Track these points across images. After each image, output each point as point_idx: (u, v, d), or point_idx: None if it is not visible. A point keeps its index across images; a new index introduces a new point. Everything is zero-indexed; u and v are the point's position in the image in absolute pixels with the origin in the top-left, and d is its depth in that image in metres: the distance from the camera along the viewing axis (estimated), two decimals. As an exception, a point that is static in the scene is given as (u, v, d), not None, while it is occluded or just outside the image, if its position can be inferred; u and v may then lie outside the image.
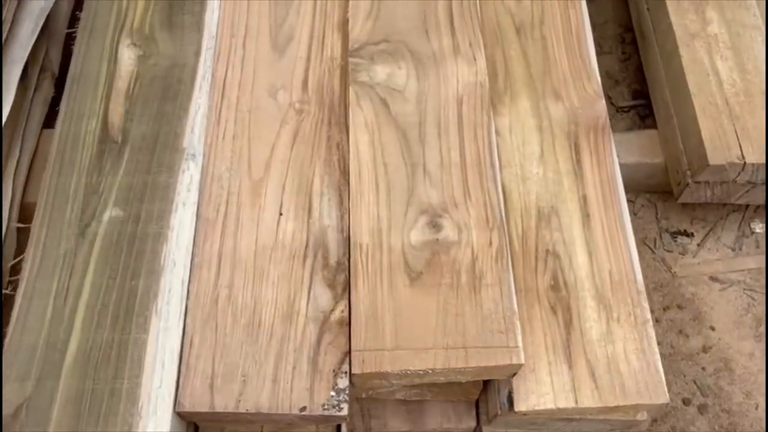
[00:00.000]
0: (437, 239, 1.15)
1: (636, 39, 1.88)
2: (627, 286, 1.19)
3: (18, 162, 1.48)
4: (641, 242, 1.70)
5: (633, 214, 1.73)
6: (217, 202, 1.20)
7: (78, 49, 1.36)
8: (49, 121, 1.54)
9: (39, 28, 1.53)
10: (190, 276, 1.14)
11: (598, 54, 1.96)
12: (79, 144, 1.24)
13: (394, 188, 1.19)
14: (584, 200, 1.26)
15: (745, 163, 1.47)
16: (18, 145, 1.49)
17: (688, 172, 1.56)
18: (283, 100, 1.30)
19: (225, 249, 1.16)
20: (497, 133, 1.31)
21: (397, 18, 1.37)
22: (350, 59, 1.32)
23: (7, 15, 1.43)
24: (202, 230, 1.18)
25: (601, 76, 1.89)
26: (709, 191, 1.59)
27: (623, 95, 1.89)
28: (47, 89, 1.62)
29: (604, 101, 1.37)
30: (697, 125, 1.51)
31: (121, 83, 1.30)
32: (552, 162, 1.30)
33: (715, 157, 1.48)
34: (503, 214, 1.17)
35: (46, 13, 1.56)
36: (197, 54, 1.34)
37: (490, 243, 1.14)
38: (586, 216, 1.25)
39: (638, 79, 1.89)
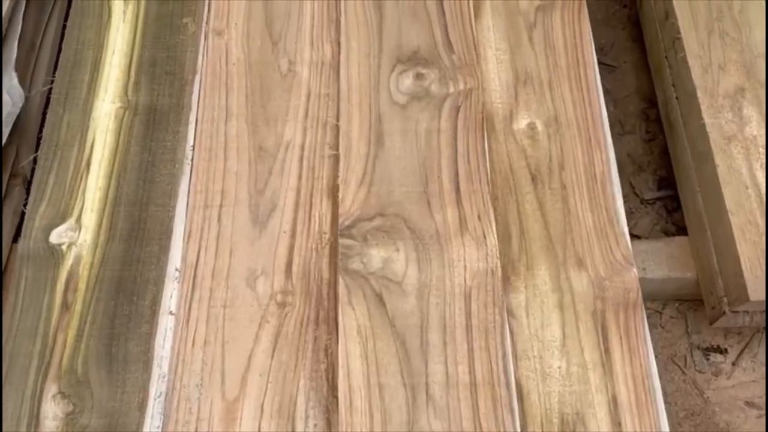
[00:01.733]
0: (443, 494, 0.97)
1: (661, 117, 1.69)
2: None
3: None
4: (670, 360, 1.52)
5: (660, 327, 1.55)
6: (184, 432, 1.03)
7: None
8: (20, 232, 1.33)
9: (6, 136, 1.36)
10: None
11: (620, 134, 1.78)
12: None
13: (392, 420, 1.01)
14: (614, 403, 1.08)
15: (790, 295, 1.28)
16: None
17: (725, 299, 1.38)
18: (263, 290, 1.12)
19: (192, 500, 0.99)
20: (511, 314, 1.12)
21: (395, 182, 1.18)
22: (341, 240, 1.14)
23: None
24: (166, 472, 1.01)
25: (623, 159, 1.71)
26: (747, 318, 1.41)
27: (648, 184, 1.70)
28: (18, 198, 1.43)
29: (635, 270, 1.18)
30: (735, 249, 1.33)
31: None
32: (576, 352, 1.11)
33: (756, 292, 1.29)
34: (521, 453, 1.00)
35: (14, 118, 1.39)
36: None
37: (507, 498, 0.97)
38: (617, 425, 1.06)
39: (664, 164, 1.69)
